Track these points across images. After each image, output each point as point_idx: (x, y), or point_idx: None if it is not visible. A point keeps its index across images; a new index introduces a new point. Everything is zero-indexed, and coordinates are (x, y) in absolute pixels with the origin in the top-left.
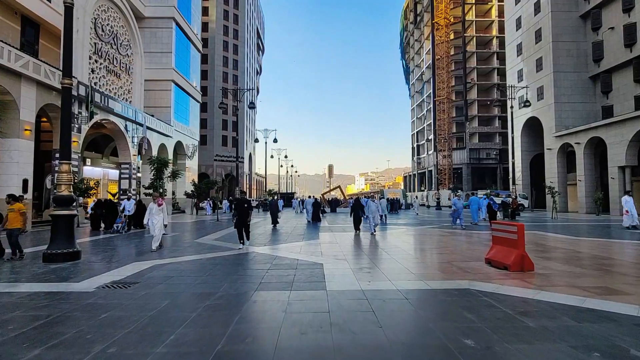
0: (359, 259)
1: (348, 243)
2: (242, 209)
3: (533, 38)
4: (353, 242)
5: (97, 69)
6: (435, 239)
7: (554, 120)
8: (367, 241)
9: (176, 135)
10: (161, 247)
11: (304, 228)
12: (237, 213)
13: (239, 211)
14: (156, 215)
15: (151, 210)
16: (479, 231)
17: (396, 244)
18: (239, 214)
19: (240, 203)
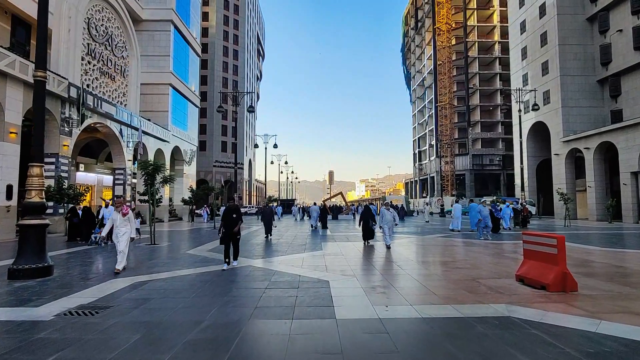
0: (369, 275)
1: (355, 255)
2: (230, 220)
3: (538, 41)
4: (360, 254)
5: (90, 70)
6: (452, 250)
7: (562, 125)
8: (375, 253)
9: (174, 140)
10: (124, 269)
11: (305, 237)
12: (223, 224)
13: (226, 222)
14: (122, 227)
15: (115, 222)
16: (497, 241)
17: (409, 256)
18: (226, 225)
19: (228, 212)
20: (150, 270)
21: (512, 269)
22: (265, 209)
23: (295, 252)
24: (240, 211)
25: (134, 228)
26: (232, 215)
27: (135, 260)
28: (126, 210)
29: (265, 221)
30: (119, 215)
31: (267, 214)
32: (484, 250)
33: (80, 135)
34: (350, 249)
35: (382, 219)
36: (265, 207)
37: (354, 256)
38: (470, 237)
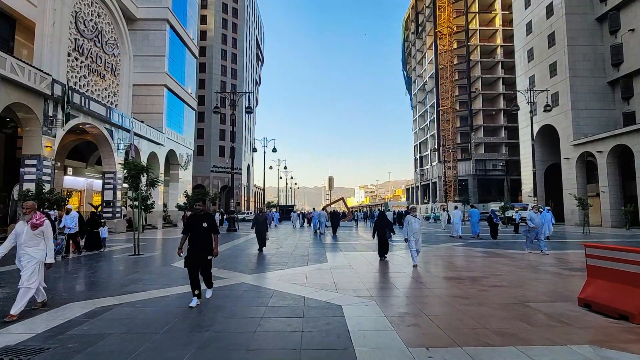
0: (390, 296)
1: (366, 269)
2: (198, 232)
3: (546, 42)
4: (372, 267)
5: (77, 67)
6: (476, 262)
7: (572, 128)
8: (390, 266)
9: (168, 144)
10: (45, 305)
11: (307, 247)
12: (188, 238)
13: (192, 235)
14: (28, 247)
15: (18, 237)
16: (521, 250)
17: (429, 269)
18: (192, 240)
19: (194, 221)
20: (122, 290)
21: (562, 287)
22: (258, 217)
23: (297, 264)
24: (213, 220)
25: (50, 248)
26: (202, 225)
27: (109, 276)
28: (38, 221)
29: (258, 231)
30: (26, 228)
31: (261, 223)
32: (512, 263)
33: (68, 137)
34: (359, 261)
35: (407, 229)
36: (258, 215)
37: (366, 270)
38: (477, 246)
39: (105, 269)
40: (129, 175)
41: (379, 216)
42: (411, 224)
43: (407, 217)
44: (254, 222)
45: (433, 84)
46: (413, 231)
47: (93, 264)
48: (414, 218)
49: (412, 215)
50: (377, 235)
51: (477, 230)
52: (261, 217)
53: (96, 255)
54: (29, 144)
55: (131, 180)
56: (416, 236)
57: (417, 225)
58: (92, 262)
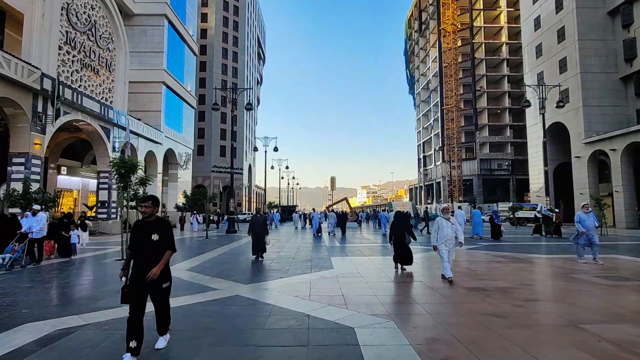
0: (411, 314)
1: (377, 277)
2: (146, 249)
3: (555, 37)
4: (383, 274)
5: (68, 61)
6: (503, 270)
7: (583, 126)
8: (403, 274)
9: (167, 143)
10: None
11: (309, 250)
12: (132, 258)
13: (137, 252)
14: None
15: None
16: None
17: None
18: (137, 261)
19: (139, 231)
20: (94, 305)
21: (613, 303)
22: (255, 218)
23: (299, 271)
24: (168, 229)
25: None
26: (151, 238)
27: (83, 287)
28: None
29: (255, 235)
30: None
31: (258, 225)
32: (537, 269)
33: (62, 135)
34: (368, 267)
35: (437, 235)
36: (256, 216)
37: (377, 279)
38: (491, 249)
39: (80, 279)
40: (117, 173)
41: (396, 217)
42: (442, 229)
43: (437, 220)
44: (250, 226)
45: (437, 83)
46: (444, 238)
47: (64, 272)
48: (445, 221)
49: (444, 217)
50: (395, 240)
51: (480, 232)
52: (259, 219)
53: (66, 263)
54: (17, 141)
55: (120, 179)
56: (449, 245)
57: (449, 231)
58: (63, 270)
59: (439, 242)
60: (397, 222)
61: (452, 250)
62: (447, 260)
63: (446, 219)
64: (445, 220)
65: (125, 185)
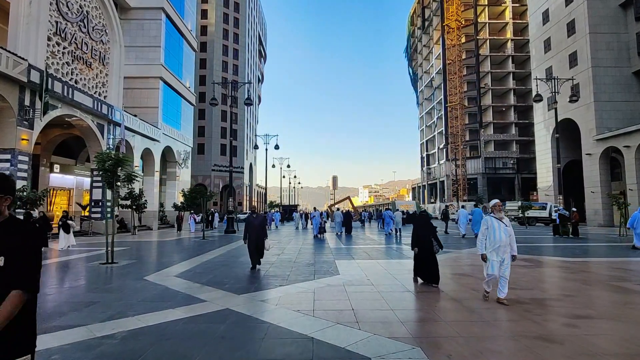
0: (439, 336)
1: (390, 285)
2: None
3: (564, 31)
4: (396, 281)
5: (58, 53)
6: (531, 276)
7: (594, 122)
8: (420, 283)
9: (165, 140)
10: None
11: (312, 252)
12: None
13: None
14: None
15: None
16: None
17: (473, 285)
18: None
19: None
20: (50, 323)
21: None
22: (251, 220)
23: (301, 278)
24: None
25: None
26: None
27: (49, 297)
28: None
29: (251, 240)
30: None
31: (256, 228)
32: (568, 275)
33: (54, 131)
34: (377, 272)
35: (484, 241)
36: (251, 216)
37: (390, 287)
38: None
39: (51, 286)
40: (100, 168)
41: (417, 218)
42: (494, 232)
43: (485, 220)
44: (245, 230)
45: (440, 80)
46: (496, 243)
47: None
48: (497, 222)
49: (495, 215)
50: (419, 248)
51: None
52: (256, 220)
53: None
54: (2, 136)
55: (105, 175)
56: (501, 254)
57: (502, 235)
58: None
59: (488, 248)
60: (420, 226)
61: (505, 263)
62: (494, 274)
63: (498, 219)
64: (496, 220)
65: (111, 181)
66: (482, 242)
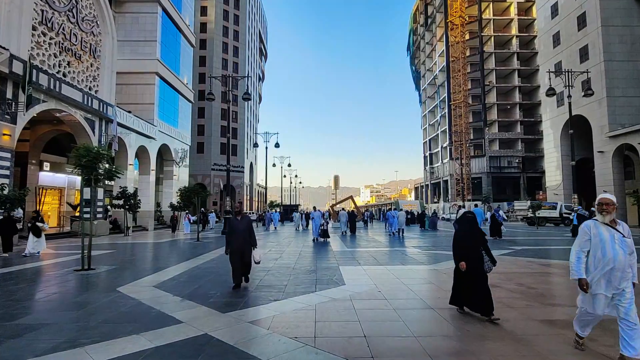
0: None
1: (405, 298)
2: None
3: (575, 25)
4: (412, 294)
5: (44, 43)
6: (564, 285)
7: (607, 118)
8: (439, 292)
9: (161, 138)
10: None
11: (313, 256)
12: None
13: None
14: None
15: None
16: None
17: (511, 301)
18: None
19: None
20: None
21: None
22: (233, 223)
23: (300, 289)
24: None
25: None
26: None
27: None
28: None
29: (235, 251)
30: None
31: (241, 235)
32: None
33: (43, 128)
34: (389, 281)
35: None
36: (235, 219)
37: (407, 302)
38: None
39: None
40: (78, 164)
41: (466, 222)
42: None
43: (587, 227)
44: (227, 236)
45: (444, 78)
46: (607, 264)
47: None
48: (606, 229)
49: (603, 219)
50: (461, 256)
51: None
52: (240, 224)
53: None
54: None
55: (83, 171)
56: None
57: (619, 252)
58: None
59: (592, 271)
60: (467, 233)
61: (626, 297)
62: (596, 315)
63: (607, 226)
64: (605, 227)
65: (89, 178)
66: (579, 259)
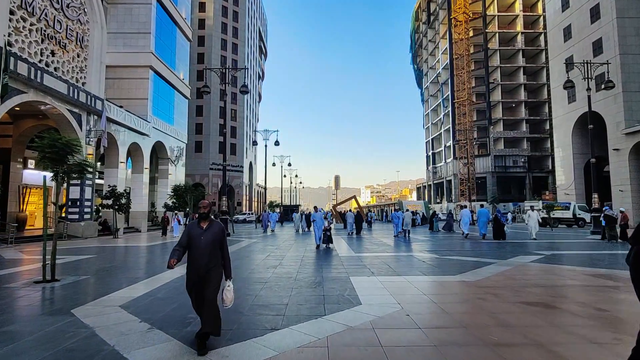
0: None
1: (448, 326)
2: None
3: (587, 17)
4: (448, 317)
5: (24, 29)
6: (630, 301)
7: (623, 114)
8: (485, 318)
9: (155, 135)
10: None
11: (317, 264)
12: None
13: None
14: None
15: None
16: None
17: (580, 327)
18: None
19: None
20: None
21: None
22: (195, 232)
23: (304, 311)
24: None
25: None
26: None
27: None
28: None
29: (192, 277)
30: None
31: (203, 250)
32: None
33: (27, 122)
34: (413, 298)
35: None
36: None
37: (446, 330)
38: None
39: None
40: (42, 157)
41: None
42: None
43: None
44: (188, 246)
45: (447, 76)
46: None
47: None
48: None
49: None
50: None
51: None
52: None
53: None
54: None
55: (50, 164)
56: None
57: None
58: None
59: None
60: None
61: None
62: None
63: None
64: None
65: (57, 172)
66: None
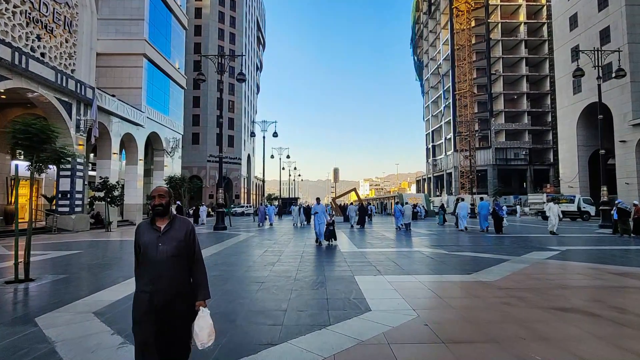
0: None
1: (469, 337)
2: None
3: (594, 5)
4: (476, 328)
5: (6, 12)
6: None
7: (631, 105)
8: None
9: (150, 125)
10: None
11: (318, 262)
12: None
13: None
14: None
15: None
16: None
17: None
18: None
19: None
20: None
21: None
22: (149, 238)
23: (305, 319)
24: None
25: None
26: None
27: None
28: None
29: (143, 302)
30: None
31: (159, 265)
32: None
33: (14, 111)
34: (427, 299)
35: None
36: (151, 227)
37: (472, 345)
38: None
39: None
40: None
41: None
42: None
43: None
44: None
45: (448, 67)
46: None
47: None
48: None
49: None
50: None
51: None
52: (159, 245)
53: None
54: None
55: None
56: None
57: None
58: None
59: None
60: None
61: None
62: None
63: None
64: None
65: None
66: None
